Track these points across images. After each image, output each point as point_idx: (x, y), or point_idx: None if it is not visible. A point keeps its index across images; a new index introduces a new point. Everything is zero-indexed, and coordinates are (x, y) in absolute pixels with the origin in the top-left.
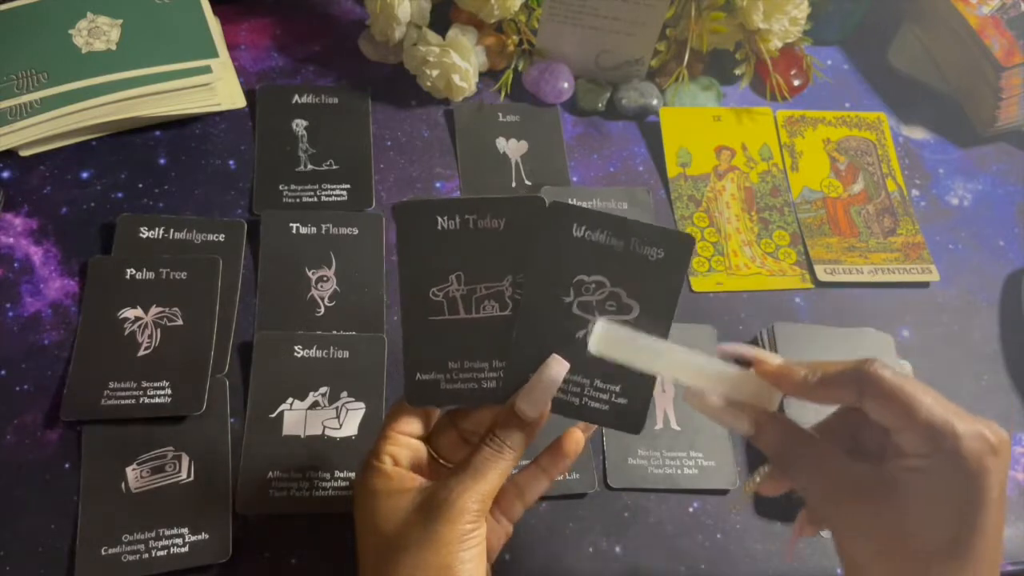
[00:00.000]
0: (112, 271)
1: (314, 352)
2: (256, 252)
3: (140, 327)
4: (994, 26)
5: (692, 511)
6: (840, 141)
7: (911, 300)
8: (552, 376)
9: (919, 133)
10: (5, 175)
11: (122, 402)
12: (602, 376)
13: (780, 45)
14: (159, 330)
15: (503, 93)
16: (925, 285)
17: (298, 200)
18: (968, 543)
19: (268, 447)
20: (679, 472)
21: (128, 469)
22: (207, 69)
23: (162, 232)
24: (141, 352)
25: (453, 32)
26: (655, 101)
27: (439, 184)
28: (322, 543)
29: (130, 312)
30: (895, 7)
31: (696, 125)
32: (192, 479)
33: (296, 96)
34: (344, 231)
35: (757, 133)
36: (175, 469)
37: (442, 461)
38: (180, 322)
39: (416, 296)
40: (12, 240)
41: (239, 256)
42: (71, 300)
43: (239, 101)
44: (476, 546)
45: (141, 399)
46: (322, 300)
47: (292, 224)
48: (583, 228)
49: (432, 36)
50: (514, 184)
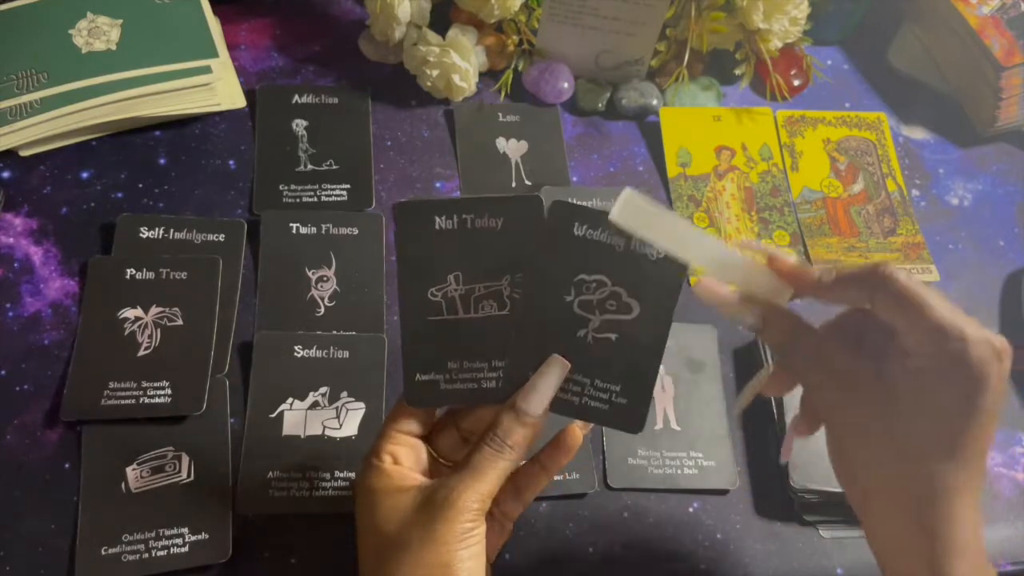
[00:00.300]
0: (112, 271)
1: (314, 352)
2: (256, 252)
3: (140, 327)
4: (994, 26)
5: (692, 511)
6: (840, 141)
7: None
8: (553, 376)
9: (919, 133)
10: (5, 175)
11: (122, 402)
12: (602, 376)
13: (780, 45)
14: (159, 330)
15: (503, 93)
16: None
17: (298, 200)
18: (964, 445)
19: (268, 447)
20: (679, 472)
21: (128, 469)
22: (207, 69)
23: (162, 232)
24: (141, 352)
25: (453, 32)
26: (655, 101)
27: (439, 184)
28: (322, 543)
29: (130, 312)
30: (895, 7)
31: (696, 125)
32: (192, 479)
33: (296, 96)
34: (344, 231)
35: (757, 133)
36: (175, 469)
37: (442, 461)
38: (180, 322)
39: (414, 296)
40: (12, 240)
41: (239, 256)
42: (71, 300)
43: (239, 101)
44: (476, 544)
45: (141, 399)
46: (322, 300)
47: (292, 224)
48: (584, 227)
49: (432, 36)
50: (514, 184)
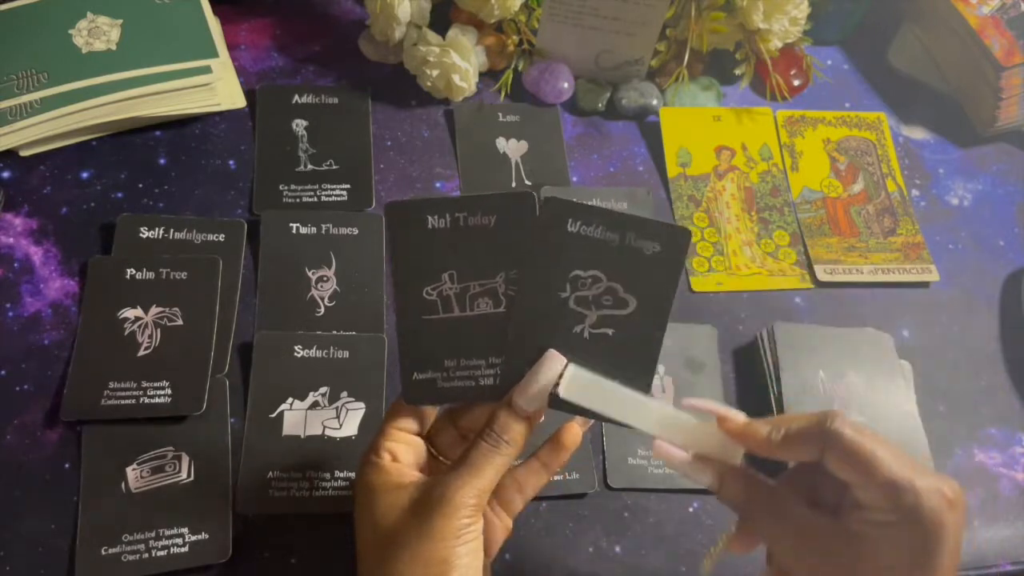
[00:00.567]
0: (112, 271)
1: (314, 352)
2: (256, 252)
3: (140, 327)
4: (994, 26)
5: (692, 511)
6: (840, 141)
7: (911, 300)
8: (549, 372)
9: (919, 133)
10: (5, 175)
11: (122, 402)
12: (600, 372)
13: (780, 45)
14: (159, 330)
15: (503, 93)
16: (925, 285)
17: (298, 200)
18: None
19: (268, 447)
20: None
21: (128, 469)
22: (207, 69)
23: (162, 232)
24: (141, 352)
25: (453, 32)
26: (655, 101)
27: (439, 184)
28: (322, 543)
29: (130, 312)
30: (895, 7)
31: (696, 125)
32: (192, 479)
33: (296, 96)
34: (344, 231)
35: (757, 133)
36: (175, 469)
37: (441, 458)
38: (180, 322)
39: (409, 295)
40: (12, 240)
41: (239, 256)
42: (71, 300)
43: (239, 101)
44: (473, 540)
45: (141, 399)
46: (322, 300)
47: (292, 224)
48: (578, 223)
49: (432, 36)
50: (514, 184)
